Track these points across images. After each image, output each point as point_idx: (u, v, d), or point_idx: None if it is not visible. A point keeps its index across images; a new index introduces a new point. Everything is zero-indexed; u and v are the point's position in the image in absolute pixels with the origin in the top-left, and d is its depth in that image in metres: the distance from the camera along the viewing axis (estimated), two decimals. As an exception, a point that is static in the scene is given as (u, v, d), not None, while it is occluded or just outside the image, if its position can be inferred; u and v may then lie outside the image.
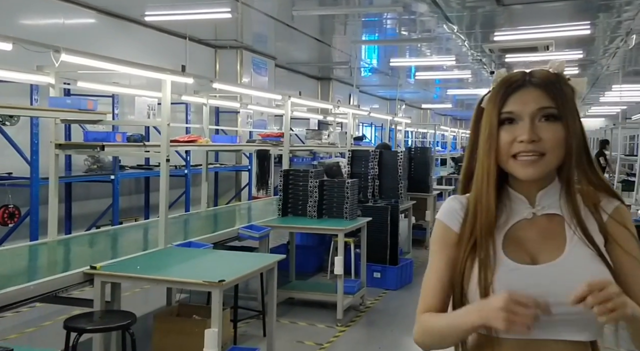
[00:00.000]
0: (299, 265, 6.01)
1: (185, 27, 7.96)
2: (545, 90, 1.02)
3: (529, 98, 1.02)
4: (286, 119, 5.29)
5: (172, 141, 4.54)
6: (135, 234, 4.40)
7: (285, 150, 5.27)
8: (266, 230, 4.39)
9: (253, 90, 5.23)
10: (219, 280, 2.71)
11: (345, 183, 4.89)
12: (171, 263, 3.21)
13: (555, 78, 1.05)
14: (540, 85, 1.03)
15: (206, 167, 5.38)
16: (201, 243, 3.72)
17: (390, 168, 6.63)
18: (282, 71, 11.24)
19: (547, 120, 1.01)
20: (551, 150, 1.00)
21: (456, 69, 12.01)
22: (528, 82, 1.04)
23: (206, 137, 5.09)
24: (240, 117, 7.37)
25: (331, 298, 4.60)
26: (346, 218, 4.87)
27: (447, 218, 1.11)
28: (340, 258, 4.45)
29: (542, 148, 1.00)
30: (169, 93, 3.48)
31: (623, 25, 7.83)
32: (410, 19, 7.95)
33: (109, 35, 6.85)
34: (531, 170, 1.01)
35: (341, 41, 9.59)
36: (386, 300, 5.23)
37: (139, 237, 4.26)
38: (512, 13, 7.51)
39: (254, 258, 3.36)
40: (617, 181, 10.23)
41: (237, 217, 5.70)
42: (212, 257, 3.36)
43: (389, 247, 5.63)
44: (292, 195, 5.04)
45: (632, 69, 11.39)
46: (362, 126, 16.20)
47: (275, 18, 7.91)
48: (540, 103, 1.01)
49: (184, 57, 8.14)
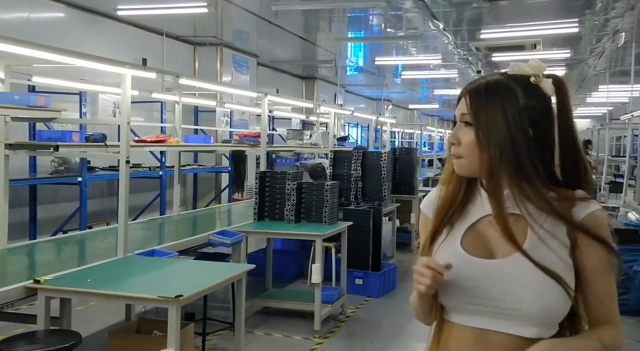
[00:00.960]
0: (278, 271, 5.75)
1: (162, 22, 7.65)
2: (468, 97, 1.08)
3: (460, 105, 1.10)
4: (263, 118, 5.02)
5: (138, 141, 4.26)
6: (98, 241, 4.11)
7: (262, 150, 5.00)
8: (239, 236, 4.12)
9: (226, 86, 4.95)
10: (176, 296, 2.44)
11: (325, 186, 4.63)
12: (128, 274, 2.93)
13: (486, 83, 1.08)
14: (467, 92, 1.09)
15: (178, 169, 5.09)
16: (166, 252, 3.44)
17: (373, 169, 6.40)
18: (264, 70, 10.96)
19: (467, 125, 1.08)
20: (465, 153, 1.07)
21: (443, 68, 11.83)
22: (466, 89, 1.11)
23: (177, 137, 4.80)
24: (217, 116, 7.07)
25: (309, 307, 4.34)
26: (325, 222, 4.62)
27: (425, 207, 1.19)
28: (318, 266, 4.19)
29: (458, 151, 1.08)
30: (129, 89, 3.20)
31: (610, 23, 7.69)
32: (396, 16, 7.74)
33: (78, 31, 6.52)
34: (456, 167, 1.10)
35: (326, 39, 9.34)
36: (368, 309, 4.98)
37: (101, 244, 3.97)
38: (498, 10, 7.34)
39: (220, 269, 3.09)
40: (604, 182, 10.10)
41: (212, 221, 5.42)
42: (174, 268, 3.09)
43: (372, 252, 5.39)
44: (269, 199, 4.77)
45: (618, 69, 11.30)
46: (348, 126, 15.97)
47: (256, 14, 7.63)
48: (461, 110, 1.09)
49: (160, 54, 7.83)
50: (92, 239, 4.17)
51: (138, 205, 7.15)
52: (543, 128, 1.05)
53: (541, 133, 1.05)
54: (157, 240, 4.04)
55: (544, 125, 1.05)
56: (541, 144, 1.05)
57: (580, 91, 15.66)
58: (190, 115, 8.43)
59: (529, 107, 1.05)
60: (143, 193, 7.15)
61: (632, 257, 4.75)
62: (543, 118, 1.05)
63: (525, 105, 1.05)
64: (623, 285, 4.74)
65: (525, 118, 1.04)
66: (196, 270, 3.07)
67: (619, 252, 1.08)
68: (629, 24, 7.54)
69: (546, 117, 1.06)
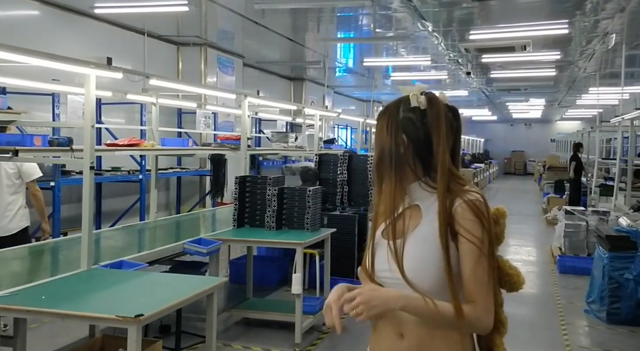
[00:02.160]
0: (261, 278, 5.56)
1: (143, 21, 7.44)
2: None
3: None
4: (243, 120, 4.82)
5: (110, 144, 4.05)
6: (65, 250, 3.88)
7: (242, 154, 4.80)
8: (215, 244, 3.92)
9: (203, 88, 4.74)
10: (136, 315, 2.24)
11: (307, 192, 4.44)
12: (88, 290, 2.72)
13: (382, 108, 1.37)
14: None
15: (155, 173, 4.88)
16: (134, 263, 3.23)
17: (360, 173, 6.22)
18: (251, 71, 10.77)
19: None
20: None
21: (432, 70, 11.70)
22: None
23: (154, 140, 4.59)
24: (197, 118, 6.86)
25: (291, 318, 4.14)
26: (307, 229, 4.43)
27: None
28: (299, 276, 4.01)
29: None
30: (93, 90, 2.99)
31: (600, 24, 7.60)
32: (385, 16, 7.59)
33: (53, 30, 6.30)
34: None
35: (314, 39, 9.17)
36: (352, 319, 4.78)
37: (68, 254, 3.74)
38: (488, 10, 7.21)
39: (190, 283, 2.89)
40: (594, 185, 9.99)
41: (191, 228, 5.21)
42: (140, 282, 2.88)
43: (357, 259, 5.20)
44: (250, 204, 4.58)
45: (608, 71, 11.23)
46: (337, 128, 15.81)
47: (242, 14, 7.44)
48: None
49: (142, 55, 7.61)
50: (59, 248, 3.95)
51: (118, 209, 6.93)
52: (418, 134, 1.29)
53: (417, 139, 1.29)
54: (129, 249, 3.82)
55: (419, 132, 1.29)
56: (419, 147, 1.29)
57: (570, 93, 15.62)
58: (174, 117, 8.22)
59: (404, 119, 1.30)
60: (123, 197, 6.94)
61: (624, 264, 4.60)
62: (417, 127, 1.29)
63: (402, 117, 1.30)
64: (614, 294, 4.60)
65: (400, 127, 1.30)
66: (164, 284, 2.86)
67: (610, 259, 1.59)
68: (619, 26, 7.45)
69: (420, 125, 1.29)
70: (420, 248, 1.26)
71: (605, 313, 4.64)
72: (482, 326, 1.25)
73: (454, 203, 1.25)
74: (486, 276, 1.24)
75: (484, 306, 1.24)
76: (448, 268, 1.23)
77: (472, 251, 1.23)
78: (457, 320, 1.21)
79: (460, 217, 1.24)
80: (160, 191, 7.88)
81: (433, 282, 1.24)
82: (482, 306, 1.23)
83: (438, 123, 1.28)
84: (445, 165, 1.27)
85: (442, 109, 1.30)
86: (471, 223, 1.23)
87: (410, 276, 1.25)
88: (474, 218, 1.23)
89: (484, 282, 1.24)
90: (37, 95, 5.40)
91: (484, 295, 1.23)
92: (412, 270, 1.25)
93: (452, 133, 1.32)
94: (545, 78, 12.39)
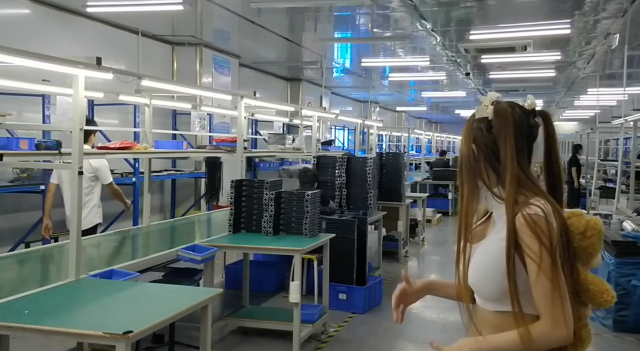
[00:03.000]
0: (258, 284, 5.42)
1: (137, 20, 7.28)
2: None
3: None
4: (240, 122, 4.68)
5: (100, 148, 3.90)
6: (55, 258, 3.73)
7: (238, 157, 4.66)
8: (211, 251, 3.78)
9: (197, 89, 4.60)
10: (125, 332, 2.10)
11: (305, 196, 4.31)
12: (75, 303, 2.57)
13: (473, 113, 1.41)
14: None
15: (149, 177, 4.73)
16: (125, 272, 3.09)
17: (358, 176, 6.09)
18: (248, 71, 10.61)
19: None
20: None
21: (431, 70, 11.58)
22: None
23: (147, 143, 4.45)
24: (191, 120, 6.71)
25: (288, 327, 4.01)
26: (306, 235, 4.29)
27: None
28: (297, 284, 3.87)
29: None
30: (81, 91, 2.84)
31: (600, 24, 7.50)
32: (383, 16, 7.46)
33: (46, 29, 6.14)
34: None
35: (311, 39, 9.03)
36: (352, 326, 4.66)
37: (58, 261, 3.60)
38: (487, 10, 7.10)
39: (183, 295, 2.75)
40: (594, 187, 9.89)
41: (186, 233, 5.06)
42: (131, 293, 2.74)
43: (356, 265, 5.07)
44: (246, 209, 4.44)
45: (608, 72, 11.15)
46: (335, 129, 15.68)
47: (238, 14, 7.29)
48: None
49: (136, 55, 7.46)
50: (48, 256, 3.80)
51: (111, 213, 6.76)
52: (487, 143, 1.33)
53: (486, 148, 1.33)
54: (120, 257, 3.68)
55: (487, 141, 1.33)
56: (489, 157, 1.33)
57: (569, 94, 15.52)
58: (168, 119, 8.07)
59: (475, 129, 1.36)
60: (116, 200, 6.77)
61: (631, 270, 4.48)
62: (485, 136, 1.34)
63: (473, 127, 1.37)
64: (621, 301, 4.48)
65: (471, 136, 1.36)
66: (155, 296, 2.72)
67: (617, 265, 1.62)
68: (620, 26, 7.35)
69: (488, 134, 1.34)
70: (483, 256, 1.32)
71: (612, 321, 4.52)
72: (556, 341, 1.24)
73: (516, 216, 1.27)
74: (549, 290, 1.23)
75: (550, 321, 1.23)
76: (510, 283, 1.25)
77: (532, 266, 1.25)
78: (526, 343, 1.22)
79: (519, 231, 1.26)
80: (155, 194, 7.71)
81: (493, 291, 1.30)
82: (548, 320, 1.23)
83: (504, 133, 1.31)
84: (514, 175, 1.29)
85: (509, 118, 1.32)
86: (529, 238, 1.24)
87: (472, 282, 1.34)
88: (530, 233, 1.24)
89: (546, 297, 1.23)
90: (28, 96, 5.25)
91: (548, 309, 1.23)
92: (474, 277, 1.34)
93: (525, 141, 1.34)
94: (544, 79, 12.30)
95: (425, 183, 11.92)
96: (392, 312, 1.53)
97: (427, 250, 8.15)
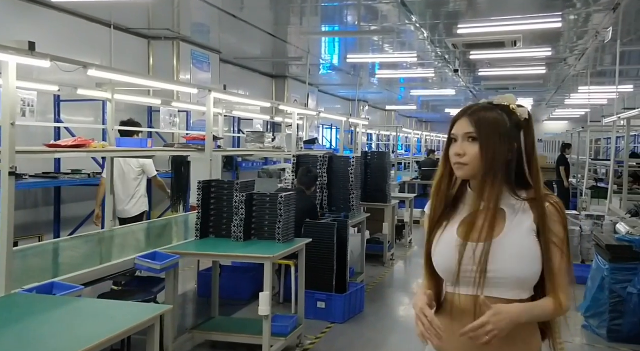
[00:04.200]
0: (232, 291, 5.10)
1: (109, 13, 6.91)
2: (470, 119, 1.46)
3: (462, 125, 1.47)
4: (208, 117, 4.34)
5: (50, 146, 3.55)
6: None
7: (207, 156, 4.32)
8: (172, 259, 3.44)
9: (155, 81, 4.25)
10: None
11: (278, 199, 3.98)
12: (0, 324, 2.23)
13: (482, 109, 1.49)
14: (468, 116, 1.47)
15: (111, 178, 4.39)
16: (68, 285, 2.74)
17: (340, 176, 5.78)
18: (230, 67, 10.26)
19: (472, 140, 1.45)
20: (470, 162, 1.45)
21: (419, 67, 11.31)
22: (464, 113, 1.49)
23: (107, 141, 4.10)
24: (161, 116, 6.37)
25: (259, 341, 3.68)
26: (279, 240, 3.97)
27: (427, 208, 1.58)
28: (267, 295, 3.55)
29: (465, 160, 1.45)
30: (13, 80, 2.51)
31: (592, 18, 7.26)
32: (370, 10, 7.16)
33: (8, 21, 5.76)
34: (460, 173, 1.47)
35: (296, 34, 8.70)
36: (330, 338, 4.35)
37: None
38: (476, 3, 6.83)
39: (128, 312, 2.42)
40: (585, 187, 9.66)
41: (152, 238, 4.72)
42: (68, 311, 2.40)
43: (336, 271, 4.76)
44: (215, 212, 4.11)
45: (599, 69, 10.93)
46: (322, 128, 15.36)
47: (218, 7, 6.94)
48: (465, 129, 1.46)
49: (108, 49, 7.09)
50: None
51: (79, 215, 6.40)
52: (518, 144, 1.47)
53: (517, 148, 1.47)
54: (69, 266, 3.33)
55: (518, 142, 1.47)
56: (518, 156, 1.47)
57: (559, 92, 15.32)
58: (144, 116, 7.71)
59: (512, 129, 1.47)
60: (84, 202, 6.41)
61: (626, 276, 4.20)
62: (518, 137, 1.47)
63: (510, 126, 1.47)
64: (616, 309, 4.20)
65: (511, 136, 1.46)
66: (96, 315, 2.38)
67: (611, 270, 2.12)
68: (611, 21, 7.10)
69: (519, 136, 1.48)
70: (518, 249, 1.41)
71: (606, 330, 4.24)
72: (564, 312, 1.46)
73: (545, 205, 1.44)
74: (569, 272, 1.45)
75: (567, 296, 1.44)
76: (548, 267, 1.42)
77: (555, 249, 1.42)
78: (560, 312, 1.44)
79: (548, 219, 1.42)
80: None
81: (532, 279, 1.43)
82: (569, 295, 1.44)
83: (532, 132, 1.49)
84: (540, 171, 1.47)
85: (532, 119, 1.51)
86: (557, 225, 1.43)
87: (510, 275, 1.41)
88: (560, 219, 1.44)
89: (566, 277, 1.44)
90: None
91: (567, 286, 1.44)
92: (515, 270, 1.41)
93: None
94: (534, 76, 12.07)
95: (414, 184, 11.64)
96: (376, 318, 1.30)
97: (414, 252, 7.86)
